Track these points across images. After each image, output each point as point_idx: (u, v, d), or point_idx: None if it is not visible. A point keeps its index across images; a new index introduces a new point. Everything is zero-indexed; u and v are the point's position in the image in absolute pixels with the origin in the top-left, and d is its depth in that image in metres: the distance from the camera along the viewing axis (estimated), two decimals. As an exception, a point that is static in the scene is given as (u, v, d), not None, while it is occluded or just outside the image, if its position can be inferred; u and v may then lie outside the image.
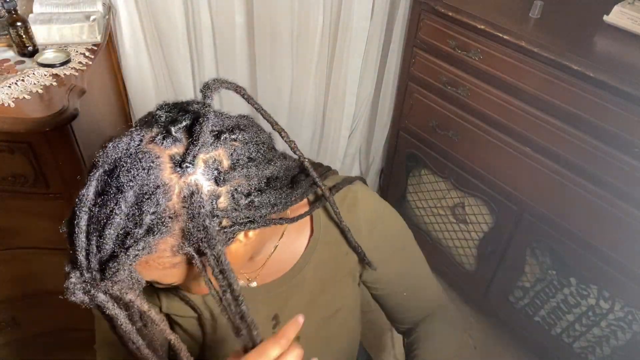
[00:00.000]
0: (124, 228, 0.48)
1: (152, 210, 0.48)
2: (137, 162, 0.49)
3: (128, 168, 0.49)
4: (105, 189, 0.49)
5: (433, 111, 1.56)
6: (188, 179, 0.50)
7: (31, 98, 1.06)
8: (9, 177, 1.10)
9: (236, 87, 0.58)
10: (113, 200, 0.48)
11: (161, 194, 0.49)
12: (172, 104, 0.56)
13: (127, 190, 0.48)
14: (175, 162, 0.50)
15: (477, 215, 1.61)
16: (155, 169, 0.49)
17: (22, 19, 1.14)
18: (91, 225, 0.49)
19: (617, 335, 1.37)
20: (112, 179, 0.49)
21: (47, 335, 1.54)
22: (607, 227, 1.24)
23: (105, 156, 0.51)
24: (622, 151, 1.15)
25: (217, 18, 1.52)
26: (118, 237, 0.48)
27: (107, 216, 0.48)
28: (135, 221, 0.48)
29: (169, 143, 0.51)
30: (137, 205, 0.48)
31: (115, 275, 0.48)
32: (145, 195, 0.48)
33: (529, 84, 1.27)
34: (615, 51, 1.23)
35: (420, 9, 1.47)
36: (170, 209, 0.49)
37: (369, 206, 0.76)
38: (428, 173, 1.74)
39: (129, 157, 0.50)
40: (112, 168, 0.50)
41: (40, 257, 1.29)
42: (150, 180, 0.49)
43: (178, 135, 0.51)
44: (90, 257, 0.49)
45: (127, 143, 0.51)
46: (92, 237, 0.49)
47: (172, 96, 1.65)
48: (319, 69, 1.70)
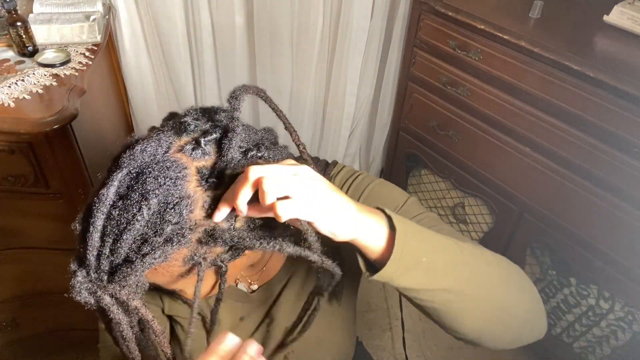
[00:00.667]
0: (142, 235, 0.48)
1: (174, 221, 0.48)
2: (165, 171, 0.49)
3: (155, 175, 0.48)
4: (128, 192, 0.48)
5: (433, 111, 1.56)
6: (213, 193, 0.50)
7: (31, 98, 1.06)
8: (9, 177, 1.10)
9: (258, 90, 0.58)
10: (136, 205, 0.48)
11: (185, 206, 0.48)
12: (199, 110, 0.56)
13: (152, 198, 0.47)
14: (202, 176, 0.50)
15: (477, 215, 1.61)
16: (182, 179, 0.49)
17: (22, 19, 1.14)
18: (107, 227, 0.48)
19: (617, 335, 1.37)
20: (137, 183, 0.48)
21: (47, 335, 1.54)
22: (607, 227, 1.24)
23: (132, 158, 0.50)
24: (622, 151, 1.15)
25: (217, 18, 1.52)
26: (135, 243, 0.48)
27: (127, 221, 0.47)
28: (156, 229, 0.48)
29: (197, 155, 0.51)
30: (160, 213, 0.48)
31: (124, 280, 0.48)
32: (169, 205, 0.48)
33: (529, 84, 1.27)
34: (615, 51, 1.23)
35: (420, 8, 1.47)
36: (191, 221, 0.49)
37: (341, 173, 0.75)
38: (428, 173, 1.74)
39: (157, 163, 0.49)
40: (138, 172, 0.49)
41: (40, 257, 1.29)
42: (176, 190, 0.48)
43: (207, 148, 0.51)
44: (101, 258, 0.48)
45: (155, 148, 0.50)
46: (107, 238, 0.48)
47: (172, 96, 1.65)
48: (319, 69, 1.70)
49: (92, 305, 0.50)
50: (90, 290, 0.49)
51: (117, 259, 0.48)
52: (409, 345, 1.68)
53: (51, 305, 1.43)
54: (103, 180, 0.50)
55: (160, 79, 1.60)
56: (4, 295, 1.37)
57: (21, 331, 1.47)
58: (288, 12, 1.53)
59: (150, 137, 0.52)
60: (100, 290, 0.49)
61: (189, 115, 0.56)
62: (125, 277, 0.48)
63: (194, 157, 0.51)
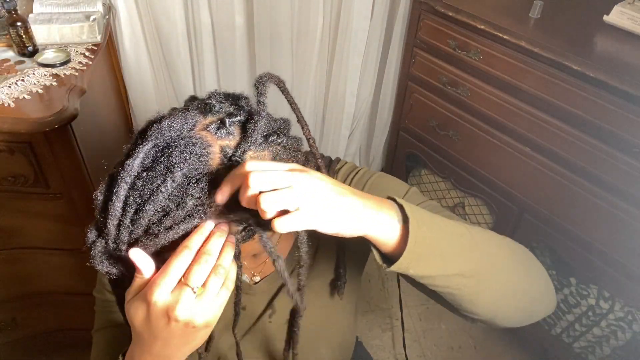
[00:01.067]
0: (164, 207, 0.48)
1: (197, 195, 0.49)
2: (191, 146, 0.50)
3: (181, 150, 0.49)
4: (154, 164, 0.49)
5: (433, 111, 1.56)
6: None
7: (31, 98, 1.06)
8: (9, 177, 1.10)
9: (279, 81, 0.59)
10: (160, 177, 0.48)
11: (207, 181, 0.49)
12: (224, 94, 0.58)
13: (177, 171, 0.48)
14: (225, 154, 0.51)
15: (477, 215, 1.61)
16: (206, 156, 0.50)
17: (22, 19, 1.14)
18: (130, 197, 0.49)
19: (617, 335, 1.37)
20: (163, 156, 0.49)
21: (47, 335, 1.54)
22: (607, 227, 1.24)
23: (159, 132, 0.51)
24: (622, 151, 1.15)
25: (217, 18, 1.52)
26: (156, 214, 0.48)
27: (151, 191, 0.48)
28: (178, 203, 0.48)
29: (222, 134, 0.52)
30: (183, 187, 0.48)
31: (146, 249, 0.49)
32: (193, 180, 0.49)
33: (529, 84, 1.27)
34: (615, 51, 1.23)
35: (420, 8, 1.47)
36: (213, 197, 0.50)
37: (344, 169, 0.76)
38: (428, 173, 1.74)
39: (183, 139, 0.50)
40: (165, 146, 0.50)
41: (40, 257, 1.29)
42: (200, 166, 0.49)
43: (231, 128, 0.53)
44: (121, 227, 0.49)
45: (181, 124, 0.52)
46: (129, 208, 0.48)
47: (172, 96, 1.66)
48: (319, 69, 1.70)
49: (113, 274, 0.50)
50: (111, 261, 0.50)
51: (137, 230, 0.49)
52: (409, 345, 1.68)
53: (51, 305, 1.43)
54: (128, 152, 0.51)
55: (160, 79, 1.60)
56: (4, 295, 1.37)
57: (21, 331, 1.47)
58: (288, 12, 1.53)
59: (176, 114, 0.53)
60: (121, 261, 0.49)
61: (213, 97, 0.57)
62: (145, 249, 0.49)
63: (219, 136, 0.52)
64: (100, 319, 0.77)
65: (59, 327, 1.52)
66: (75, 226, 1.21)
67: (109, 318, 0.76)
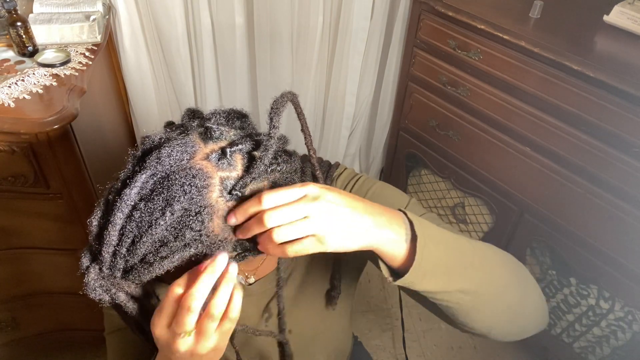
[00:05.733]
0: (162, 238, 0.49)
1: (196, 228, 0.49)
2: (191, 179, 0.49)
3: (181, 183, 0.49)
4: (152, 195, 0.49)
5: (433, 111, 1.56)
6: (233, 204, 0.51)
7: (31, 98, 1.06)
8: (9, 177, 1.10)
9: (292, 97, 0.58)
10: (159, 210, 0.48)
11: (206, 214, 0.49)
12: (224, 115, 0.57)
13: (176, 204, 0.48)
14: (225, 187, 0.51)
15: (477, 215, 1.61)
16: (206, 188, 0.49)
17: (22, 19, 1.14)
18: (127, 227, 0.48)
19: (617, 335, 1.37)
20: (162, 188, 0.49)
21: (47, 335, 1.54)
22: (607, 227, 1.24)
23: (158, 161, 0.50)
24: (622, 151, 1.15)
25: (217, 18, 1.52)
26: (153, 245, 0.49)
27: (149, 224, 0.48)
28: (176, 235, 0.49)
29: (223, 165, 0.51)
30: (182, 220, 0.49)
31: (139, 279, 0.49)
32: (192, 213, 0.49)
33: (529, 84, 1.27)
34: (615, 51, 1.23)
35: (420, 8, 1.47)
36: (210, 229, 0.50)
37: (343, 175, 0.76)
38: (428, 173, 1.74)
39: (183, 170, 0.50)
40: (164, 177, 0.49)
41: (40, 257, 1.29)
42: (199, 199, 0.49)
43: (232, 158, 0.52)
44: (117, 256, 0.49)
45: (181, 153, 0.51)
46: (125, 238, 0.48)
47: (172, 96, 1.65)
48: (319, 69, 1.70)
49: (106, 302, 0.51)
50: (105, 287, 0.50)
51: (133, 259, 0.49)
52: (409, 345, 1.68)
53: (51, 305, 1.43)
54: (125, 179, 0.51)
55: (160, 79, 1.60)
56: (4, 295, 1.37)
57: (21, 331, 1.47)
58: (288, 12, 1.53)
59: (175, 139, 0.52)
60: (115, 287, 0.50)
61: (214, 118, 0.57)
62: (140, 277, 0.49)
63: (219, 167, 0.51)
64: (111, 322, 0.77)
65: (59, 327, 1.52)
66: (75, 226, 1.21)
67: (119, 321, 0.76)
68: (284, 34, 1.57)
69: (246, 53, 1.64)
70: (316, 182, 0.65)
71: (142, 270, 0.49)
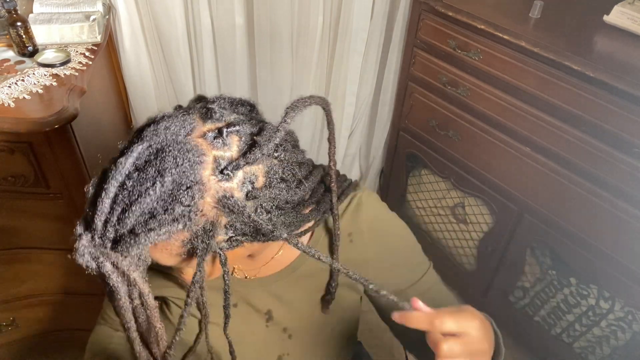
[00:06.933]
0: (151, 210, 0.49)
1: (185, 203, 0.49)
2: (185, 153, 0.50)
3: (175, 155, 0.49)
4: (146, 166, 0.49)
5: (433, 111, 1.56)
6: (225, 185, 0.51)
7: (31, 98, 1.06)
8: (9, 177, 1.10)
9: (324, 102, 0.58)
10: (151, 180, 0.49)
11: (197, 191, 0.49)
12: (229, 100, 0.58)
13: (167, 176, 0.49)
14: (218, 166, 0.51)
15: (477, 215, 1.61)
16: (198, 164, 0.50)
17: (22, 19, 1.14)
18: (119, 195, 0.49)
19: (617, 335, 1.37)
20: (155, 159, 0.49)
21: (47, 335, 1.54)
22: (607, 227, 1.24)
23: (155, 134, 0.51)
24: (622, 151, 1.15)
25: (217, 18, 1.52)
26: (142, 216, 0.49)
27: (139, 193, 0.48)
28: (166, 207, 0.49)
29: (218, 144, 0.52)
30: (172, 193, 0.49)
31: (126, 251, 0.49)
32: (182, 187, 0.49)
33: (529, 84, 1.27)
34: (615, 51, 1.23)
35: (420, 9, 1.47)
36: (200, 207, 0.50)
37: (372, 212, 0.75)
38: (428, 173, 1.74)
39: (178, 144, 0.50)
40: (159, 149, 0.50)
41: (40, 257, 1.29)
42: (191, 174, 0.49)
43: (228, 139, 0.52)
44: (108, 224, 0.49)
45: (178, 128, 0.52)
46: (117, 206, 0.49)
47: (172, 96, 1.65)
48: (319, 69, 1.70)
49: (92, 270, 0.51)
50: (93, 255, 0.50)
51: (122, 229, 0.49)
52: (409, 345, 1.67)
53: (51, 305, 1.43)
54: (122, 149, 0.52)
55: (160, 79, 1.60)
56: (4, 295, 1.37)
57: (21, 331, 1.47)
58: (288, 12, 1.53)
59: (176, 116, 0.53)
60: (103, 256, 0.50)
61: (217, 102, 0.57)
62: (127, 248, 0.49)
63: (215, 146, 0.52)
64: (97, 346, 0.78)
65: (59, 327, 1.52)
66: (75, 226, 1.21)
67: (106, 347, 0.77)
68: (284, 34, 1.57)
69: (246, 53, 1.64)
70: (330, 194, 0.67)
71: (129, 242, 0.49)
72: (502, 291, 1.61)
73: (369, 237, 0.75)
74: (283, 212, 0.57)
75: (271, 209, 0.56)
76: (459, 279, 1.78)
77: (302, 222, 0.62)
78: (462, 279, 1.76)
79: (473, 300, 1.81)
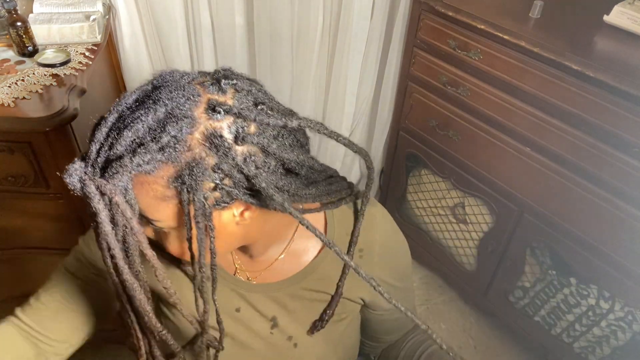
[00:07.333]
0: (141, 137, 0.51)
1: (173, 133, 0.50)
2: (180, 89, 0.53)
3: (170, 90, 0.52)
4: (144, 99, 0.53)
5: (433, 111, 1.56)
6: (214, 123, 0.52)
7: (31, 98, 1.06)
8: (9, 177, 1.10)
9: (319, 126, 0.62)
10: (144, 108, 0.51)
11: (186, 124, 0.51)
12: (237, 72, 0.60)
13: (161, 106, 0.51)
14: (210, 105, 0.53)
15: (477, 215, 1.61)
16: (192, 101, 0.52)
17: (22, 19, 1.14)
18: (116, 124, 0.52)
19: (617, 335, 1.37)
20: (153, 92, 0.53)
21: (47, 335, 1.54)
22: (607, 227, 1.24)
23: (160, 76, 0.55)
24: (622, 151, 1.15)
25: (217, 18, 1.52)
26: (132, 143, 0.51)
27: (132, 120, 0.51)
28: (154, 136, 0.50)
29: (214, 90, 0.54)
30: (163, 122, 0.51)
31: (113, 177, 0.51)
32: (173, 118, 0.51)
33: (529, 84, 1.27)
34: (615, 51, 1.23)
35: (420, 9, 1.47)
36: (187, 142, 0.51)
37: (386, 232, 0.77)
38: (428, 173, 1.74)
39: (176, 82, 0.54)
40: (158, 85, 0.54)
41: (40, 257, 1.29)
42: (183, 107, 0.51)
43: (225, 87, 0.55)
44: (101, 152, 0.52)
45: (181, 75, 0.55)
46: (112, 134, 0.52)
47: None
48: (319, 69, 1.70)
49: (77, 191, 0.53)
50: (80, 176, 0.52)
51: (112, 155, 0.51)
52: (409, 345, 1.67)
53: (51, 305, 1.43)
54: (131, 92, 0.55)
55: (160, 79, 1.60)
56: (3, 295, 1.37)
57: (21, 331, 1.47)
58: (288, 12, 1.53)
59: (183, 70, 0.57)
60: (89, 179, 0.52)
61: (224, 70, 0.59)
62: (113, 174, 0.51)
63: (210, 91, 0.54)
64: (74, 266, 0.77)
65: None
66: (76, 226, 1.21)
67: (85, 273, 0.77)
68: (284, 34, 1.57)
69: (246, 53, 1.64)
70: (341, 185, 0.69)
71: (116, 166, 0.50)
72: (502, 291, 1.61)
73: (379, 259, 0.76)
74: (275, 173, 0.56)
75: (262, 166, 0.54)
76: (459, 279, 1.78)
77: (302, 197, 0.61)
78: (462, 279, 1.76)
79: (473, 300, 1.81)
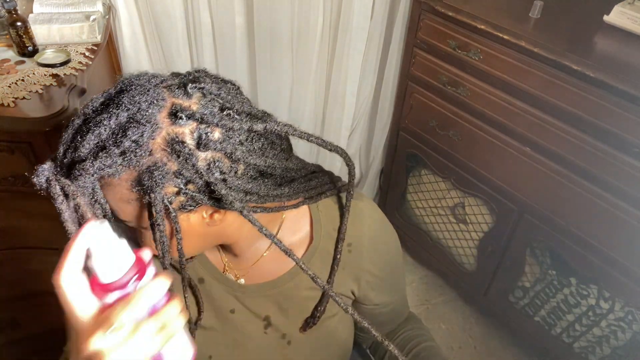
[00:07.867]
0: (103, 141, 0.51)
1: (133, 138, 0.50)
2: (144, 93, 0.52)
3: (134, 94, 0.52)
4: (109, 102, 0.53)
5: (433, 111, 1.57)
6: (177, 129, 0.52)
7: (31, 98, 1.06)
8: (9, 177, 1.10)
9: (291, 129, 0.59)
10: (107, 113, 0.52)
11: (148, 130, 0.51)
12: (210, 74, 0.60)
13: (123, 111, 0.51)
14: (174, 109, 0.52)
15: (477, 215, 1.61)
16: (155, 106, 0.52)
17: (22, 19, 1.14)
18: (83, 127, 0.52)
19: (617, 335, 1.37)
20: (117, 96, 0.53)
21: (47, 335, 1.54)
22: (607, 227, 1.24)
23: (127, 79, 0.55)
24: (622, 151, 1.15)
25: (217, 18, 1.52)
26: (95, 147, 0.51)
27: (95, 123, 0.51)
28: (115, 140, 0.51)
29: (179, 94, 0.54)
30: (124, 127, 0.51)
31: (77, 179, 0.51)
32: (135, 123, 0.51)
33: (529, 84, 1.27)
34: (615, 51, 1.23)
35: (420, 8, 1.47)
36: (149, 147, 0.51)
37: (375, 225, 0.76)
38: (428, 173, 1.74)
39: (141, 86, 0.53)
40: (124, 89, 0.54)
41: (40, 257, 1.29)
42: (146, 112, 0.51)
43: (191, 92, 0.54)
44: (67, 154, 0.52)
45: (149, 78, 0.55)
46: (77, 136, 0.52)
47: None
48: (319, 69, 1.70)
49: (43, 190, 0.54)
50: (47, 177, 0.53)
51: (77, 158, 0.51)
52: (409, 345, 1.67)
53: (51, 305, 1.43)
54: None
55: (160, 79, 1.59)
56: (4, 295, 1.37)
57: (21, 331, 1.47)
58: (288, 12, 1.53)
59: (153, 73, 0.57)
60: (55, 179, 0.52)
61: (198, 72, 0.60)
62: (77, 177, 0.51)
63: (175, 95, 0.54)
64: None
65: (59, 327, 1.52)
66: (75, 226, 1.21)
67: None
68: (284, 34, 1.57)
69: (246, 53, 1.64)
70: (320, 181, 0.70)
71: (79, 169, 0.51)
72: (502, 291, 1.61)
73: (368, 253, 0.75)
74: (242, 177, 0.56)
75: (227, 170, 0.54)
76: (459, 279, 1.78)
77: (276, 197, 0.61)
78: (462, 279, 1.76)
79: (473, 300, 1.81)
